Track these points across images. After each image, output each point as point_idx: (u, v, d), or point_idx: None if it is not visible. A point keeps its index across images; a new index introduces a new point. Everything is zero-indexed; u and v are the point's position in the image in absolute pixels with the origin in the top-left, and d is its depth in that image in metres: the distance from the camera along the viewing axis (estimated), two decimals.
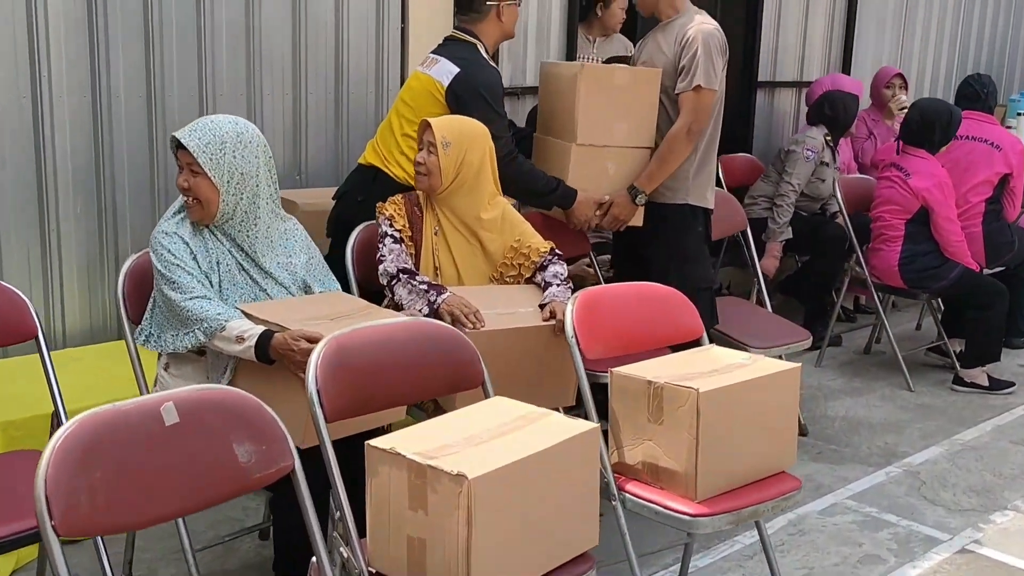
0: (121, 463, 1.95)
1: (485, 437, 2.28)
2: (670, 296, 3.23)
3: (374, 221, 3.43)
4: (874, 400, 5.19)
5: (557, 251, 3.45)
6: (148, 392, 2.93)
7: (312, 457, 2.38)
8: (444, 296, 3.10)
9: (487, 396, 2.66)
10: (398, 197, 3.43)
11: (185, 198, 2.88)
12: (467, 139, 3.35)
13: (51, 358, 2.88)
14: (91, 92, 3.94)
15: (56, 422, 2.86)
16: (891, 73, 6.56)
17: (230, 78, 4.31)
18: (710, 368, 2.84)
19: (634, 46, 4.79)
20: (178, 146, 2.87)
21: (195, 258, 2.86)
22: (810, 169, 5.69)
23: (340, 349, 2.44)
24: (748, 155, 6.35)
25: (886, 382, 5.43)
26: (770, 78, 6.68)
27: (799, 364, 2.91)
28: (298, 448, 2.25)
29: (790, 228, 5.64)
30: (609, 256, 4.70)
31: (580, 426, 2.35)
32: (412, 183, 3.53)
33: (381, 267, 3.27)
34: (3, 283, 2.90)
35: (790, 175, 5.64)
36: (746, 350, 4.28)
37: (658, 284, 3.28)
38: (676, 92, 3.93)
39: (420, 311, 3.12)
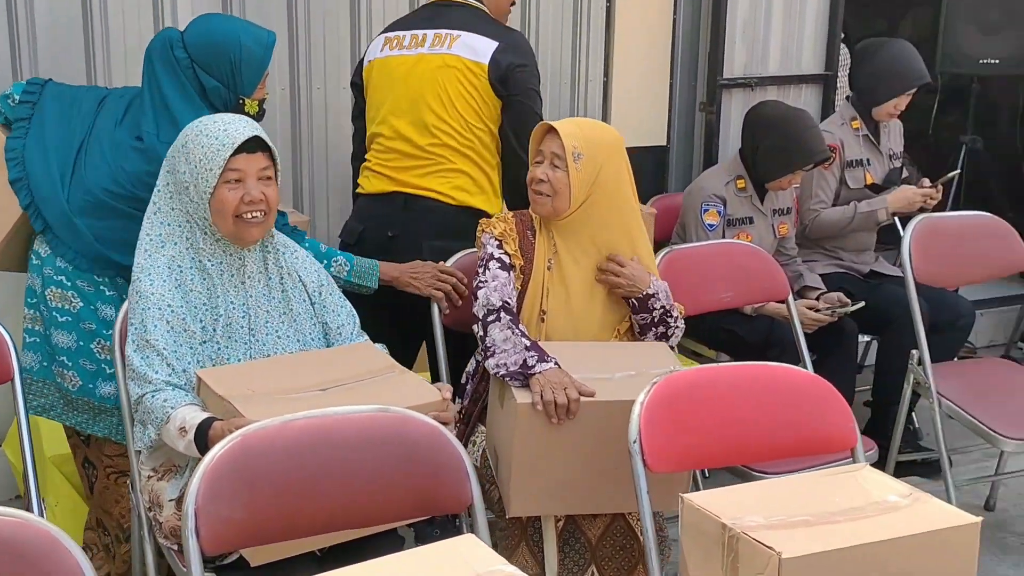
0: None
1: None
2: (809, 385, 2.24)
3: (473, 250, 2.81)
4: None
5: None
6: None
7: None
8: (545, 367, 2.39)
9: (471, 529, 1.89)
10: (508, 215, 2.75)
11: None
12: (603, 150, 2.64)
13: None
14: None
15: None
16: None
17: None
18: (837, 508, 1.91)
19: None
20: None
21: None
22: None
23: (245, 451, 1.77)
24: None
25: None
26: None
27: (979, 519, 1.91)
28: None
29: None
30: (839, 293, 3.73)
31: None
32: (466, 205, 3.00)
33: (481, 295, 2.58)
34: None
35: None
36: (996, 438, 3.22)
37: (793, 368, 2.33)
38: None
39: (509, 368, 2.42)
